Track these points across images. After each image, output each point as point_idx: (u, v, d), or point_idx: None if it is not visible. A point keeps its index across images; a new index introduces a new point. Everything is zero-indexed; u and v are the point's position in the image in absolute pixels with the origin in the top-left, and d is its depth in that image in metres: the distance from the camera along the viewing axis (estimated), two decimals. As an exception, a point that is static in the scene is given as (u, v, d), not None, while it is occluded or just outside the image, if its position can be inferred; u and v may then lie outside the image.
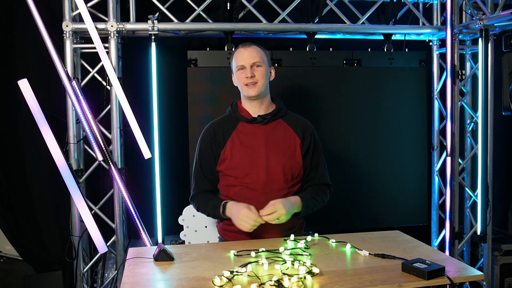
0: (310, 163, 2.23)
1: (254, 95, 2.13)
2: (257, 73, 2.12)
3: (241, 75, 2.14)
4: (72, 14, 2.78)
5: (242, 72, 2.14)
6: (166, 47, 3.10)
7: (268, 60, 2.21)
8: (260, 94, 2.15)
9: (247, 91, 2.14)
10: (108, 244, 2.78)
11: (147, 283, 1.59)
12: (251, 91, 2.13)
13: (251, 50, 2.15)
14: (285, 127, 2.21)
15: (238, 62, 2.15)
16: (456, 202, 3.13)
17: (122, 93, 2.75)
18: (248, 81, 2.12)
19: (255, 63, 2.13)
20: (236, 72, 2.17)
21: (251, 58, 2.13)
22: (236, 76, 2.18)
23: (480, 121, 3.09)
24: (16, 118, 3.06)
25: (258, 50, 2.17)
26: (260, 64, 2.14)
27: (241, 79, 2.14)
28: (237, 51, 2.18)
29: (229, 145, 2.16)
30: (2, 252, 3.13)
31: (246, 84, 2.12)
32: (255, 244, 1.93)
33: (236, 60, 2.17)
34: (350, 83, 3.16)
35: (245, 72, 2.12)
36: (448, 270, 1.60)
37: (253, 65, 2.13)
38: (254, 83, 2.12)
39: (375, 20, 3.29)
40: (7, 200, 3.09)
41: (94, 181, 3.05)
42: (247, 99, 2.18)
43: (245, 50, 2.15)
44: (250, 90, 2.13)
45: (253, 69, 2.12)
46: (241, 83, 2.15)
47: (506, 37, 2.82)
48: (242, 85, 2.15)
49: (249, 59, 2.13)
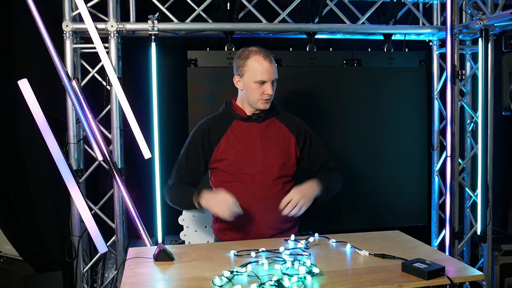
0: (309, 156, 2.24)
1: (267, 109, 2.14)
2: (273, 90, 2.11)
3: (259, 90, 2.08)
4: (72, 14, 2.78)
5: (261, 87, 2.08)
6: (166, 47, 3.10)
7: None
8: None
9: (262, 105, 2.12)
10: (108, 244, 2.78)
11: (147, 283, 1.59)
12: (265, 106, 2.12)
13: (274, 66, 2.09)
14: (279, 124, 2.22)
15: (260, 76, 2.06)
16: (456, 202, 3.13)
17: (122, 93, 2.75)
18: (267, 97, 2.09)
19: (275, 80, 2.11)
20: (253, 83, 2.08)
21: (274, 74, 2.09)
22: (249, 86, 2.09)
23: (480, 121, 3.09)
24: (16, 118, 3.06)
25: (275, 64, 2.12)
26: (276, 79, 2.12)
27: (259, 93, 2.09)
28: (259, 62, 2.06)
29: (223, 141, 2.16)
30: (2, 252, 3.13)
31: (266, 99, 2.10)
32: (255, 244, 1.93)
33: (256, 71, 2.06)
34: (350, 83, 3.16)
35: (266, 89, 2.07)
36: (448, 270, 1.60)
37: (273, 81, 2.10)
38: (269, 99, 2.11)
39: (375, 20, 3.29)
40: (7, 200, 3.09)
41: (94, 181, 3.05)
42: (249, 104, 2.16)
43: (270, 65, 2.07)
44: (265, 105, 2.12)
45: (272, 85, 2.10)
46: (257, 97, 2.10)
47: (506, 37, 2.82)
48: (257, 99, 2.10)
49: (273, 76, 2.08)
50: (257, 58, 2.07)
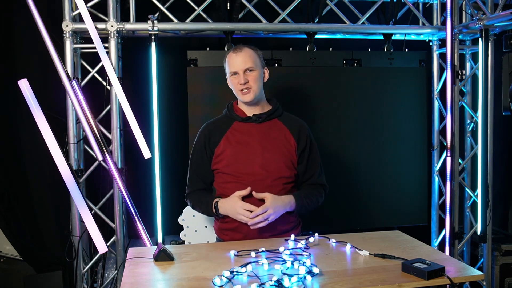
0: (306, 164, 2.23)
1: (249, 101, 2.15)
2: (250, 78, 2.12)
3: (235, 81, 2.14)
4: (72, 14, 2.78)
5: (236, 78, 2.14)
6: (166, 47, 3.10)
7: (261, 61, 2.19)
8: (255, 98, 2.16)
9: (242, 97, 2.15)
10: (108, 244, 2.78)
11: (147, 283, 1.59)
12: (246, 97, 2.14)
13: (243, 55, 2.12)
14: (281, 126, 2.22)
15: (231, 67, 2.14)
16: (456, 202, 3.13)
17: (122, 93, 2.74)
18: (242, 87, 2.12)
19: (248, 69, 2.12)
20: (230, 77, 2.17)
21: (243, 63, 2.12)
22: (229, 81, 2.19)
23: (480, 121, 3.09)
24: (16, 118, 3.06)
25: (251, 53, 2.14)
26: (253, 68, 2.13)
27: (235, 85, 2.15)
28: (229, 56, 2.16)
29: (223, 142, 2.17)
30: (2, 252, 3.13)
31: (241, 90, 2.13)
32: (255, 244, 1.93)
33: (228, 65, 2.16)
34: (350, 83, 3.16)
35: (238, 78, 2.12)
36: (448, 270, 1.60)
37: (246, 70, 2.12)
38: (248, 89, 2.12)
39: (375, 20, 3.29)
40: (7, 200, 3.09)
41: (94, 181, 3.05)
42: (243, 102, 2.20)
43: (237, 55, 2.12)
44: (245, 96, 2.14)
45: (246, 74, 2.11)
46: (236, 89, 2.16)
47: (506, 37, 2.82)
48: (237, 91, 2.16)
49: (242, 65, 2.11)
50: (229, 55, 2.16)
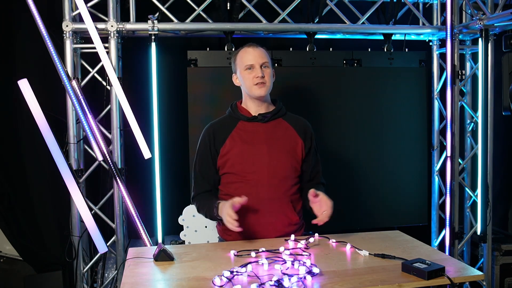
0: (311, 162, 2.24)
1: (263, 95, 2.13)
2: (266, 74, 2.12)
3: (250, 75, 2.12)
4: (72, 14, 2.78)
5: (251, 72, 2.12)
6: (166, 47, 3.10)
7: (270, 62, 2.20)
8: (267, 94, 2.17)
9: (257, 91, 2.11)
10: (108, 244, 2.78)
11: (147, 283, 1.59)
12: (261, 91, 2.11)
13: (259, 50, 2.14)
14: (286, 125, 2.21)
15: (247, 61, 2.12)
16: (456, 202, 3.13)
17: (122, 93, 2.75)
18: (258, 80, 2.10)
19: (263, 63, 2.12)
20: (243, 71, 2.14)
21: (260, 58, 2.12)
22: (242, 75, 2.15)
23: (480, 121, 3.09)
24: (16, 118, 3.06)
25: (265, 51, 2.17)
26: (268, 65, 2.14)
27: (250, 78, 2.11)
28: (244, 51, 2.15)
29: (228, 142, 2.15)
30: (2, 252, 3.13)
31: (256, 83, 2.10)
32: (255, 244, 1.93)
33: (243, 59, 2.14)
34: (350, 83, 3.16)
35: (255, 72, 2.10)
36: (448, 270, 1.60)
37: (262, 65, 2.12)
38: (263, 83, 2.11)
39: (375, 20, 3.29)
40: (7, 200, 3.09)
41: (94, 181, 3.05)
42: (251, 98, 2.17)
43: (254, 50, 2.13)
44: (260, 90, 2.11)
45: (262, 69, 2.12)
46: (250, 83, 2.12)
47: (506, 37, 2.82)
48: (251, 85, 2.12)
49: (259, 59, 2.12)
50: (244, 49, 2.17)
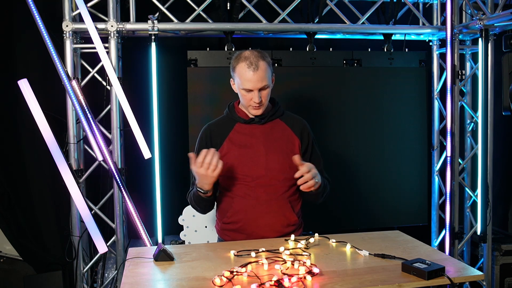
0: (310, 161, 2.23)
1: (259, 115, 2.12)
2: (263, 96, 2.06)
3: (247, 96, 2.06)
4: (72, 14, 2.78)
5: (249, 94, 2.05)
6: (166, 47, 3.10)
7: (272, 71, 2.12)
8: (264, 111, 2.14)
9: (252, 111, 2.10)
10: (108, 244, 2.78)
11: (147, 283, 1.59)
12: (256, 112, 2.09)
13: (260, 73, 2.01)
14: (283, 126, 2.20)
15: (245, 84, 2.02)
16: (456, 202, 3.13)
17: (122, 93, 2.75)
18: (255, 105, 2.06)
19: (263, 87, 2.05)
20: (241, 90, 2.06)
21: (259, 83, 2.03)
22: (240, 92, 2.09)
23: (480, 121, 3.09)
24: (16, 118, 3.06)
25: (265, 68, 2.03)
26: (267, 86, 2.06)
27: (247, 100, 2.07)
28: (244, 70, 2.02)
29: (226, 145, 2.14)
30: (2, 252, 3.13)
31: (252, 105, 2.07)
32: (255, 244, 1.93)
33: (242, 80, 2.03)
34: (350, 83, 3.16)
35: (252, 96, 2.04)
36: (448, 270, 1.60)
37: (262, 88, 2.05)
38: (260, 106, 2.07)
39: (375, 20, 3.29)
40: (7, 200, 3.09)
41: (94, 181, 3.05)
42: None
43: (254, 74, 2.00)
44: (255, 111, 2.09)
45: (260, 92, 2.05)
46: (247, 103, 2.08)
47: (506, 37, 2.82)
48: (247, 105, 2.09)
49: (258, 84, 2.03)
50: (243, 65, 2.02)
